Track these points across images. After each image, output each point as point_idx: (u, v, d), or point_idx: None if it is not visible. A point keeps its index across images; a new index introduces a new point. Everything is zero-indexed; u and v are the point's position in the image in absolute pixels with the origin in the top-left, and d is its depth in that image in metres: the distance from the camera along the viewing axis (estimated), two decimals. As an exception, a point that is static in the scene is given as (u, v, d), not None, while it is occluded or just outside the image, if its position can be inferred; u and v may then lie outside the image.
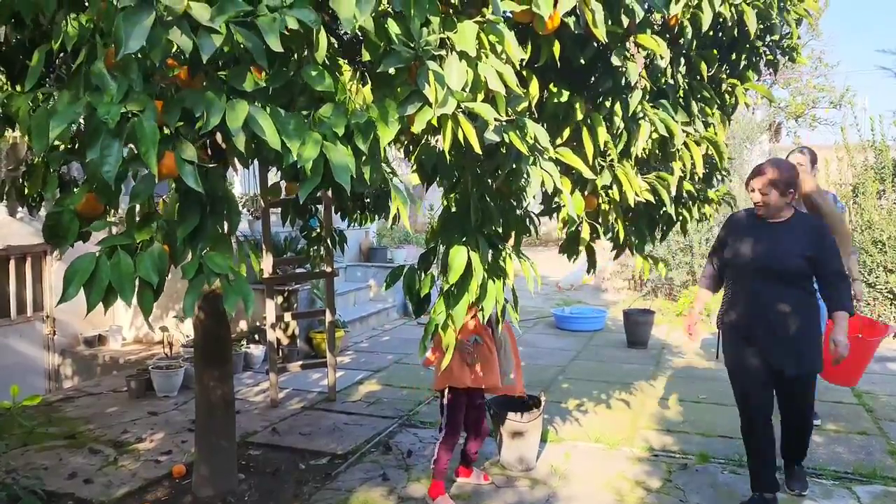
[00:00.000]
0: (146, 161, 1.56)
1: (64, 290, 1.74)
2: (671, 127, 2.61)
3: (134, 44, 1.49)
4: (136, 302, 1.83)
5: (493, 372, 3.81)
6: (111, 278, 1.75)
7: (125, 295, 1.76)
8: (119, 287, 1.76)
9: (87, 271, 1.74)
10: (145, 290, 1.83)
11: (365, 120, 1.84)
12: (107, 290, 1.75)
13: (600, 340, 8.20)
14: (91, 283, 1.75)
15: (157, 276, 1.80)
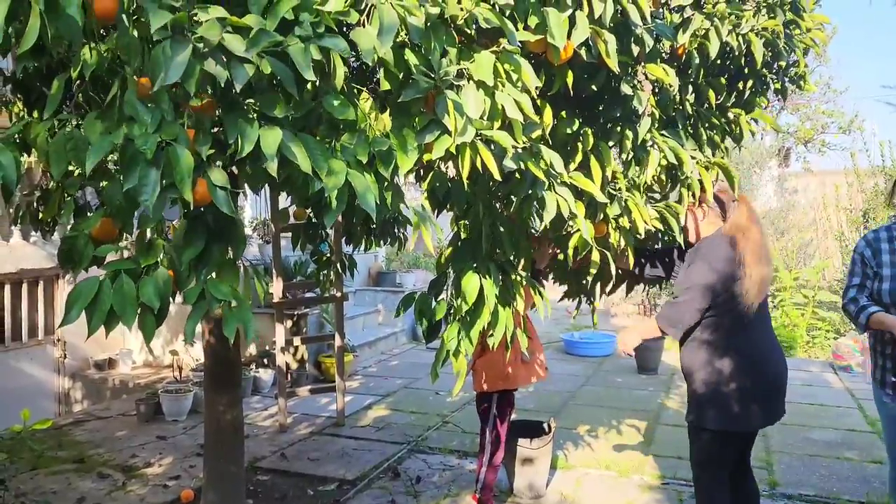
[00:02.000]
0: (181, 189, 1.59)
1: (66, 314, 1.75)
2: (680, 154, 2.62)
3: (173, 75, 1.53)
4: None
5: (538, 360, 3.86)
6: (113, 302, 1.76)
7: (127, 319, 1.76)
8: (121, 311, 1.77)
9: (90, 295, 1.75)
10: (147, 315, 1.84)
11: (387, 147, 1.87)
12: (108, 314, 1.76)
13: (610, 366, 8.16)
14: (93, 307, 1.76)
15: (159, 301, 1.81)
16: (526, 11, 2.13)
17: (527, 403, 6.20)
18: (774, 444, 5.26)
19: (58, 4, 1.50)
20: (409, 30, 1.82)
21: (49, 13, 1.50)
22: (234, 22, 1.64)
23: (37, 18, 1.49)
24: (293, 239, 4.74)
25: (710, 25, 2.64)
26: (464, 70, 1.96)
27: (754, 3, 2.78)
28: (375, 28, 1.73)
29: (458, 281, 2.55)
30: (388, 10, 1.74)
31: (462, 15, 1.94)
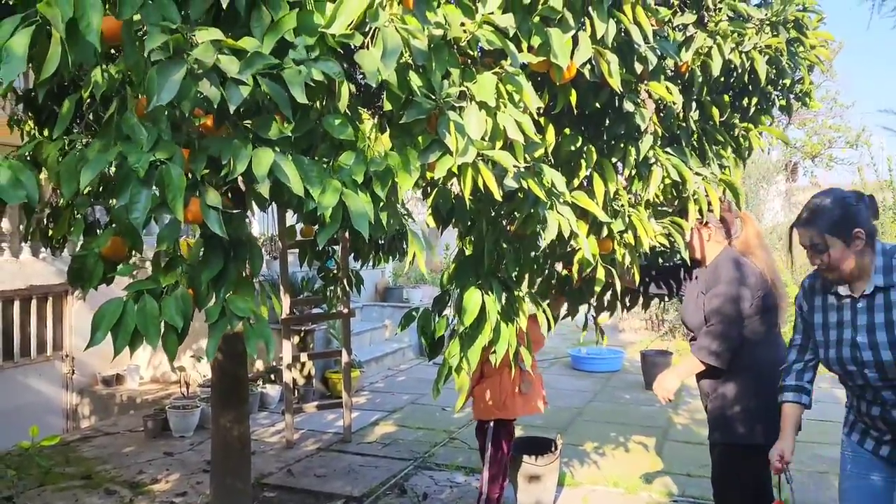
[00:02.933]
0: (172, 208, 1.61)
1: (92, 335, 1.77)
2: (683, 172, 2.63)
3: (166, 95, 1.55)
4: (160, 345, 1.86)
5: (538, 394, 3.85)
6: (137, 322, 1.78)
7: (151, 339, 1.79)
8: (145, 331, 1.79)
9: (115, 316, 1.78)
10: (170, 334, 1.86)
11: (384, 168, 1.88)
12: (133, 334, 1.78)
13: (618, 382, 8.13)
14: (118, 328, 1.78)
15: (181, 319, 1.83)
16: (529, 32, 2.15)
17: (534, 420, 6.17)
18: (784, 461, 5.22)
19: (78, 32, 1.52)
20: (412, 52, 1.84)
21: (69, 41, 1.53)
22: (230, 44, 1.66)
23: (57, 46, 1.52)
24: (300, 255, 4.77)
25: (712, 43, 2.65)
26: (466, 91, 1.97)
27: (757, 22, 2.79)
28: (379, 50, 1.75)
29: (460, 297, 2.56)
30: (392, 32, 1.76)
31: (465, 37, 1.96)
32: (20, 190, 1.66)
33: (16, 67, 1.49)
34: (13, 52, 1.49)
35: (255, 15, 1.79)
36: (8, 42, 1.49)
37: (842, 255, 2.28)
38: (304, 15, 1.79)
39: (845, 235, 2.26)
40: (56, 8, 1.50)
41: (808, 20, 2.89)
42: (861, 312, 2.30)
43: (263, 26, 1.79)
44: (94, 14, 1.54)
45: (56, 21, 1.50)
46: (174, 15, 1.67)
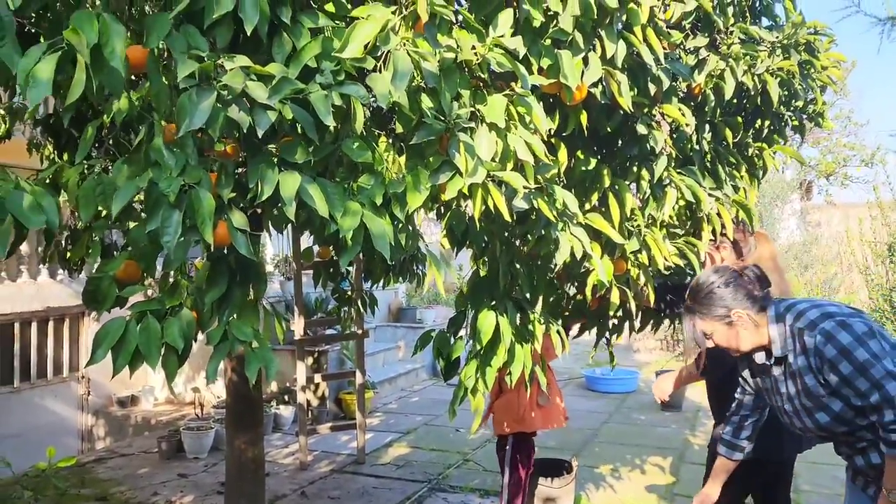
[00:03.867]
0: (202, 231, 1.64)
1: (92, 353, 1.80)
2: (697, 193, 2.64)
3: (197, 121, 1.59)
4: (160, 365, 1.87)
5: (558, 408, 3.83)
6: (139, 343, 1.80)
7: (151, 360, 1.80)
8: (146, 352, 1.81)
9: (116, 335, 1.80)
10: (171, 356, 1.88)
11: (402, 189, 1.91)
12: (133, 354, 1.80)
13: (633, 403, 8.07)
14: (119, 347, 1.80)
15: (183, 342, 1.85)
16: (539, 54, 2.18)
17: (548, 441, 6.13)
18: (803, 484, 5.15)
19: (102, 58, 1.56)
20: (423, 74, 1.86)
21: (94, 66, 1.57)
22: (258, 70, 1.70)
23: (82, 72, 1.56)
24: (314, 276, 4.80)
25: (725, 66, 2.67)
26: (476, 113, 2.00)
27: (769, 45, 2.81)
28: (390, 73, 1.78)
29: (475, 319, 2.57)
30: (403, 56, 1.80)
31: (475, 60, 1.99)
32: (41, 215, 1.69)
33: (42, 91, 1.53)
34: (39, 77, 1.53)
35: (276, 41, 1.83)
36: (34, 68, 1.54)
37: (728, 337, 2.26)
38: (326, 42, 1.83)
39: (722, 319, 2.24)
40: (81, 35, 1.55)
41: (820, 43, 2.90)
42: (779, 381, 2.28)
43: (285, 52, 1.83)
44: (118, 40, 1.58)
45: (81, 47, 1.54)
46: (201, 43, 1.71)
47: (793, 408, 2.24)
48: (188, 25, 1.76)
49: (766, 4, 3.03)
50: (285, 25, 1.84)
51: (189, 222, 1.67)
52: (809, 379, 2.14)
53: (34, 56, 1.56)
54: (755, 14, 3.03)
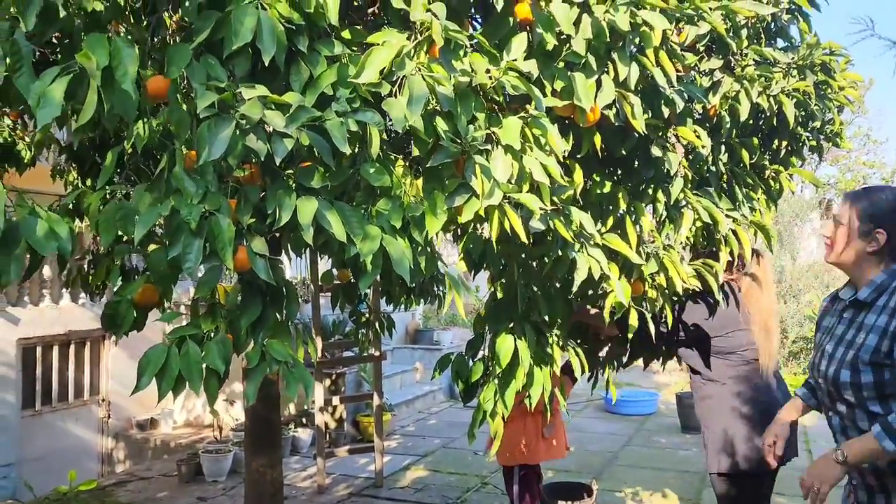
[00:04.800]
0: (222, 257, 1.67)
1: (138, 380, 1.82)
2: (714, 214, 2.63)
3: (216, 150, 1.63)
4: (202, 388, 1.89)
5: (562, 439, 3.80)
6: (181, 367, 1.82)
7: (194, 383, 1.83)
8: (188, 376, 1.83)
9: (159, 362, 1.82)
10: (211, 378, 1.90)
11: (420, 213, 1.93)
12: (176, 379, 1.83)
13: (653, 425, 7.98)
14: (163, 373, 1.83)
15: (223, 364, 1.87)
16: (553, 76, 2.19)
17: (567, 464, 6.07)
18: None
19: (114, 80, 1.60)
20: (438, 98, 1.89)
21: (105, 88, 1.60)
22: (275, 100, 1.73)
23: (94, 94, 1.60)
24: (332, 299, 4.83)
25: (740, 88, 2.67)
26: (492, 135, 2.02)
27: (784, 66, 2.81)
28: (406, 98, 1.81)
29: (493, 342, 2.57)
30: (418, 81, 1.82)
31: (490, 83, 2.01)
32: (53, 241, 1.71)
33: (51, 112, 1.57)
34: (50, 98, 1.57)
35: (293, 69, 1.87)
36: (46, 90, 1.58)
37: (848, 239, 2.13)
38: (342, 69, 1.86)
39: (867, 224, 2.09)
40: (92, 58, 1.58)
41: (836, 63, 2.90)
42: (842, 323, 2.17)
43: (302, 80, 1.86)
44: (130, 63, 1.62)
45: (92, 69, 1.58)
46: (220, 73, 1.75)
47: (832, 351, 2.14)
48: (208, 56, 1.80)
49: (780, 26, 3.03)
50: (302, 54, 1.87)
51: (210, 248, 1.69)
52: (872, 339, 2.03)
53: (47, 79, 1.60)
54: (770, 35, 3.04)
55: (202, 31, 1.78)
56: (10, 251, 1.61)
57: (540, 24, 2.13)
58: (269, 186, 1.83)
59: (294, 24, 1.81)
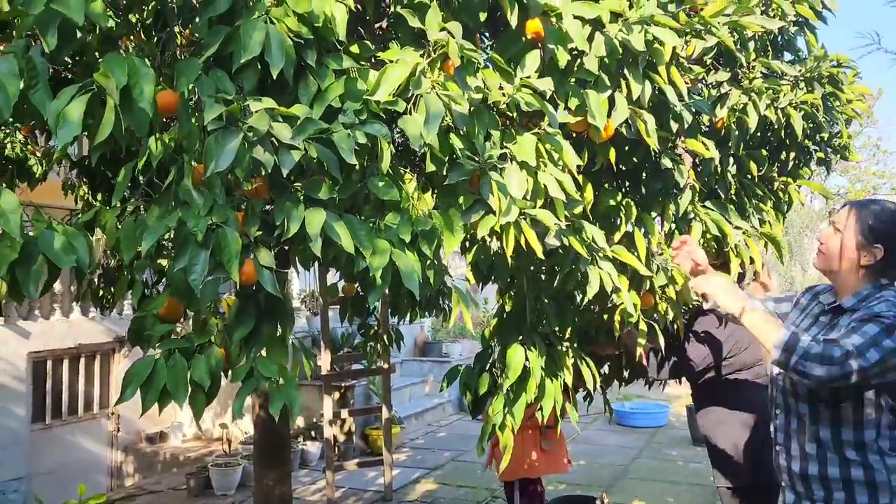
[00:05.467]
0: (229, 269, 1.67)
1: (122, 392, 1.81)
2: (723, 227, 2.63)
3: (223, 163, 1.64)
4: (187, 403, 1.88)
5: (562, 454, 3.77)
6: (167, 381, 1.81)
7: (178, 398, 1.82)
8: (173, 390, 1.82)
9: (145, 374, 1.82)
10: (198, 394, 1.89)
11: (430, 227, 1.93)
12: (161, 392, 1.82)
13: (663, 437, 7.93)
14: (147, 386, 1.82)
15: (209, 379, 1.86)
16: (566, 94, 2.20)
17: (576, 477, 6.04)
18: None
19: (132, 99, 1.62)
20: (453, 116, 1.90)
21: (123, 107, 1.62)
22: (282, 112, 1.74)
23: (111, 113, 1.61)
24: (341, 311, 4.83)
25: (748, 100, 2.68)
26: (507, 152, 2.02)
27: (792, 78, 2.81)
28: (422, 115, 1.81)
29: (503, 354, 2.56)
30: (434, 99, 1.83)
31: (504, 100, 2.02)
32: (72, 255, 1.72)
33: (71, 132, 1.58)
34: (69, 117, 1.58)
35: (302, 83, 1.88)
36: (65, 109, 1.59)
37: (843, 249, 2.07)
38: (350, 82, 1.87)
39: (867, 238, 2.03)
40: (111, 77, 1.60)
41: (844, 75, 2.89)
42: (817, 324, 2.15)
43: (310, 94, 1.87)
44: (147, 83, 1.64)
45: (111, 88, 1.59)
46: (229, 86, 1.76)
47: None
48: (217, 70, 1.81)
49: (787, 39, 3.03)
50: (311, 68, 1.88)
51: (216, 260, 1.70)
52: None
53: (65, 97, 1.61)
54: (777, 48, 3.04)
55: (211, 45, 1.80)
56: (29, 266, 1.62)
57: (552, 39, 2.14)
58: (277, 198, 1.84)
59: (302, 38, 1.82)
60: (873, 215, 2.05)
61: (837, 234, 2.11)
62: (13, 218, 1.54)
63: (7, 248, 1.58)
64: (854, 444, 2.01)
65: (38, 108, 1.61)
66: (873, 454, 1.99)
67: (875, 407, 2.00)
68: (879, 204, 2.11)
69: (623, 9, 2.15)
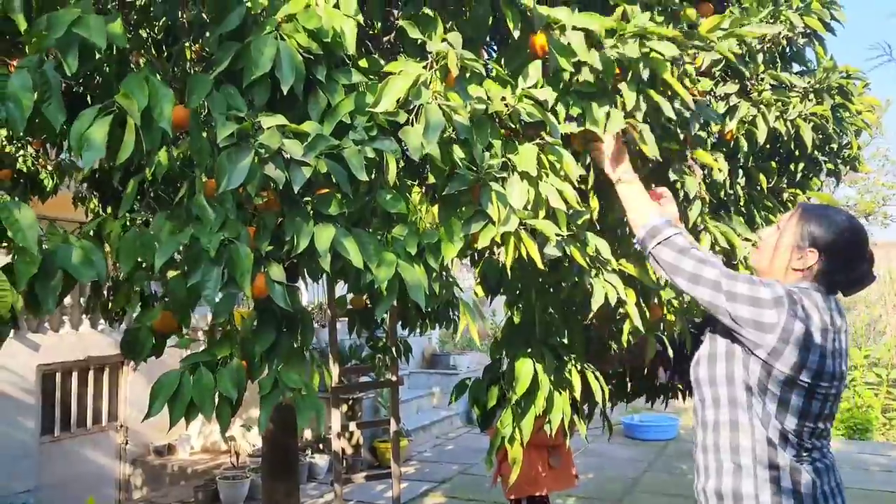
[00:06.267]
0: (241, 284, 1.68)
1: (150, 406, 1.83)
2: (732, 239, 2.62)
3: (236, 180, 1.65)
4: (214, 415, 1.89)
5: (570, 469, 3.75)
6: (193, 394, 1.83)
7: (206, 410, 1.83)
8: (200, 402, 1.84)
9: (172, 388, 1.83)
10: (224, 405, 1.90)
11: (436, 239, 1.94)
12: (189, 405, 1.83)
13: (673, 451, 7.87)
14: (175, 399, 1.83)
15: (235, 391, 1.87)
16: (568, 104, 2.21)
17: (585, 491, 6.00)
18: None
19: (152, 120, 1.64)
20: (455, 126, 1.90)
21: (144, 128, 1.64)
22: (293, 129, 1.76)
23: (132, 134, 1.63)
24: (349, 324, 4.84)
25: (756, 112, 2.67)
26: (508, 162, 2.03)
27: (801, 90, 2.81)
28: (422, 126, 1.82)
29: (511, 366, 2.55)
30: (434, 109, 1.84)
31: (506, 111, 2.03)
32: (91, 269, 1.74)
33: (95, 154, 1.60)
34: (93, 140, 1.60)
35: (311, 98, 1.89)
36: (88, 131, 1.61)
37: (777, 247, 2.02)
38: (360, 97, 1.89)
39: (804, 240, 1.98)
40: (132, 99, 1.62)
41: (853, 87, 2.89)
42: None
43: (320, 109, 1.89)
44: (167, 103, 1.66)
45: (133, 111, 1.61)
46: (240, 102, 1.78)
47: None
48: (227, 85, 1.82)
49: (796, 50, 3.03)
50: (320, 83, 1.89)
51: (228, 276, 1.71)
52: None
53: (87, 119, 1.63)
54: (785, 59, 3.04)
55: (222, 61, 1.81)
56: (48, 281, 1.63)
57: (556, 51, 2.15)
58: (287, 213, 1.85)
59: (312, 54, 1.84)
60: (816, 220, 1.99)
61: (777, 233, 2.07)
62: (31, 234, 1.55)
63: (26, 263, 1.59)
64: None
65: (50, 123, 1.63)
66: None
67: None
68: (827, 210, 2.05)
69: (618, 24, 2.15)
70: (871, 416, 8.87)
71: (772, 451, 1.91)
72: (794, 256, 1.99)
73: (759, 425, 1.92)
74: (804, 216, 2.02)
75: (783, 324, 1.84)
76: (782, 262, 2.01)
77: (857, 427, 8.48)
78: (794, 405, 1.89)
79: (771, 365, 1.87)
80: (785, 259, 2.00)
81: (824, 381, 1.89)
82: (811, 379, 1.87)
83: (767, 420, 1.91)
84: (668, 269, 2.06)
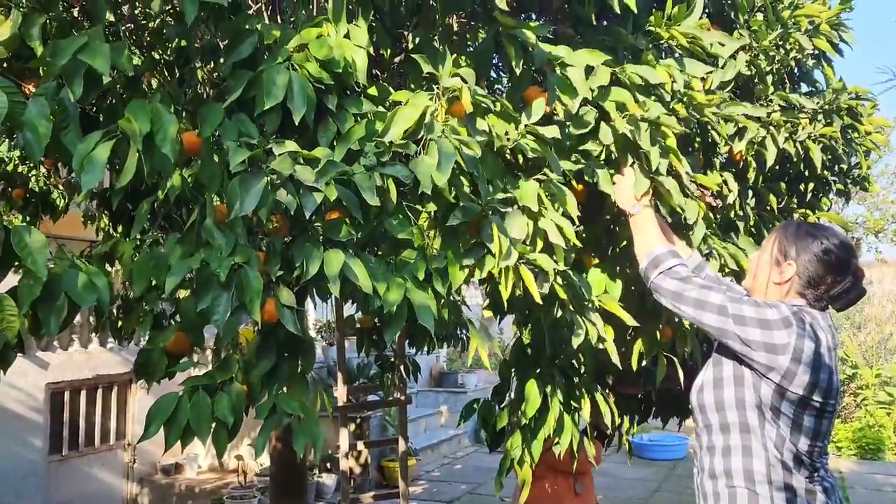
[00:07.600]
0: (250, 309, 1.68)
1: (146, 429, 1.82)
2: (741, 261, 2.61)
3: (248, 205, 1.66)
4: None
5: (592, 495, 3.70)
6: (190, 418, 1.82)
7: (202, 434, 1.82)
8: (196, 427, 1.82)
9: (168, 410, 1.82)
10: (221, 430, 1.89)
11: (444, 265, 1.94)
12: (184, 429, 1.82)
13: (683, 470, 7.81)
14: (171, 422, 1.83)
15: (232, 416, 1.87)
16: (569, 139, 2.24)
17: (596, 511, 5.95)
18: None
19: (154, 145, 1.65)
20: (464, 160, 1.92)
21: (145, 152, 1.65)
22: (305, 155, 1.77)
23: (134, 157, 1.64)
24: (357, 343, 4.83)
25: (765, 134, 2.68)
26: (509, 196, 2.04)
27: (810, 111, 2.81)
28: (434, 158, 1.83)
29: (521, 387, 2.54)
30: (446, 143, 1.86)
31: (509, 146, 2.05)
32: (93, 294, 1.74)
33: (95, 177, 1.61)
34: (95, 162, 1.61)
35: (322, 126, 1.91)
36: (91, 153, 1.62)
37: (759, 264, 2.05)
38: (370, 125, 1.91)
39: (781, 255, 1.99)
40: (135, 123, 1.63)
41: (862, 107, 2.89)
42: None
43: (329, 136, 1.91)
44: (171, 127, 1.67)
45: (134, 135, 1.63)
46: (252, 129, 1.79)
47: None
48: (239, 114, 1.84)
49: (805, 71, 3.04)
50: (331, 112, 1.91)
51: (238, 300, 1.71)
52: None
53: (91, 142, 1.64)
54: (794, 80, 3.05)
55: (235, 89, 1.83)
56: (51, 304, 1.64)
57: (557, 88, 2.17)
58: (297, 238, 1.86)
59: (323, 84, 1.86)
60: (793, 234, 2.01)
61: (759, 252, 2.10)
62: (40, 257, 1.56)
63: (30, 286, 1.60)
64: None
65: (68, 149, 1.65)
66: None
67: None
68: (804, 225, 2.08)
69: (628, 100, 2.19)
70: (883, 435, 8.78)
71: (787, 474, 1.90)
72: (773, 271, 2.01)
73: (772, 449, 1.91)
74: (781, 231, 2.05)
75: (794, 343, 1.84)
76: (763, 278, 2.04)
77: (868, 447, 8.39)
78: (806, 426, 1.88)
79: (784, 388, 1.86)
80: (765, 274, 2.03)
81: (831, 399, 1.90)
82: (822, 398, 1.87)
83: (781, 443, 1.90)
84: (672, 298, 2.06)
